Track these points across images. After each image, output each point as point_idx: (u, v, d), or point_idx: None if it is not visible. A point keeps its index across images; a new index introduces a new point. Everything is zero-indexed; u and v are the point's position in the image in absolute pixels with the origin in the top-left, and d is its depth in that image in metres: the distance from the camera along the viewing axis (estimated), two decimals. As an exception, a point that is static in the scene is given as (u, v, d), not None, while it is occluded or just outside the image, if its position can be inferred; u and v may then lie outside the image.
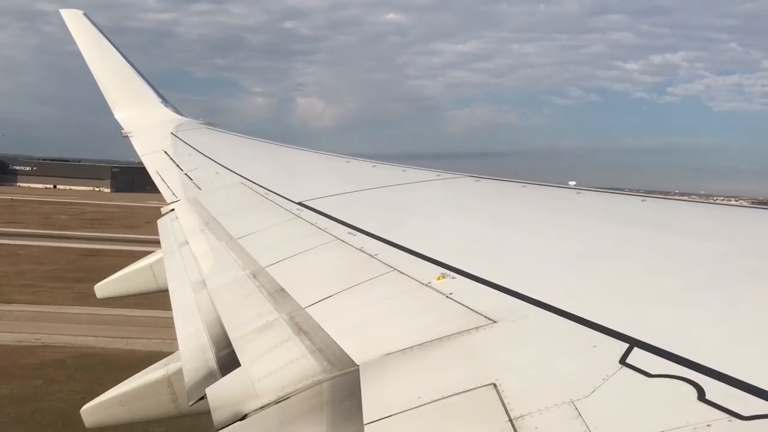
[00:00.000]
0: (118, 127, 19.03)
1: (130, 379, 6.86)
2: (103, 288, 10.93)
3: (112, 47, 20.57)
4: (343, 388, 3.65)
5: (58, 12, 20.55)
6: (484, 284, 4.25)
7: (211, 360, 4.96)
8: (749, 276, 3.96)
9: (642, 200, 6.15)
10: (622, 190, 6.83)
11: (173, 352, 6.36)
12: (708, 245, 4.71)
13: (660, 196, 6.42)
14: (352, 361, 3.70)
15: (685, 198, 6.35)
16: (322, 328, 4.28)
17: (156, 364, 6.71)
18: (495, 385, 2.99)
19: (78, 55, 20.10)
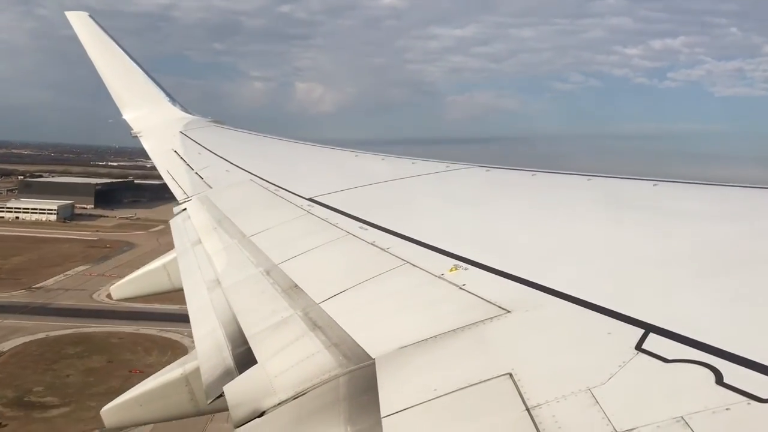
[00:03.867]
0: (115, 112, 19.21)
1: (148, 379, 6.90)
2: (119, 289, 10.99)
3: (118, 48, 20.63)
4: (359, 382, 3.66)
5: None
6: (496, 274, 4.25)
7: (227, 358, 4.98)
8: (763, 259, 3.94)
9: (654, 185, 6.12)
10: (624, 176, 6.78)
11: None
12: (721, 229, 4.68)
13: (669, 180, 6.37)
14: (368, 355, 3.71)
15: (696, 181, 6.29)
16: (337, 323, 4.29)
17: (173, 363, 6.74)
18: (511, 375, 2.99)
19: (74, 39, 20.28)
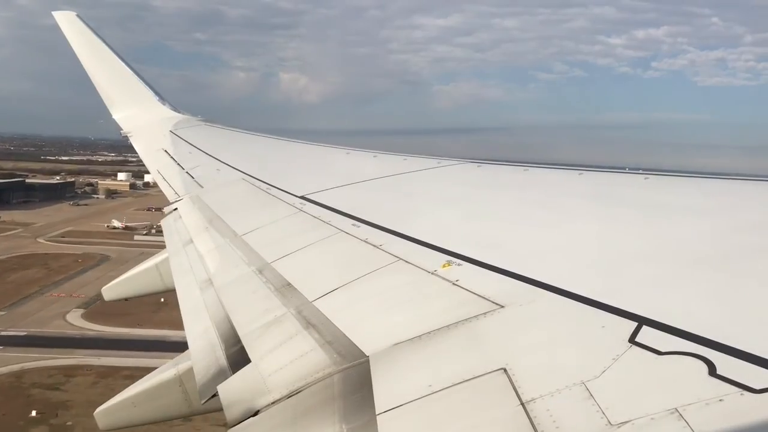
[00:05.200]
0: (96, 105, 19.18)
1: (141, 380, 6.88)
2: (111, 290, 10.93)
3: (106, 47, 20.53)
4: (353, 379, 3.66)
5: None
6: (489, 269, 4.25)
7: (221, 357, 4.96)
8: (755, 250, 3.96)
9: (645, 178, 6.13)
10: (608, 167, 6.82)
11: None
12: (713, 221, 4.70)
13: (659, 173, 6.40)
14: (362, 352, 3.71)
15: (686, 174, 6.31)
16: (331, 321, 4.28)
17: (167, 364, 6.73)
18: (505, 370, 2.99)
19: (54, 30, 20.24)
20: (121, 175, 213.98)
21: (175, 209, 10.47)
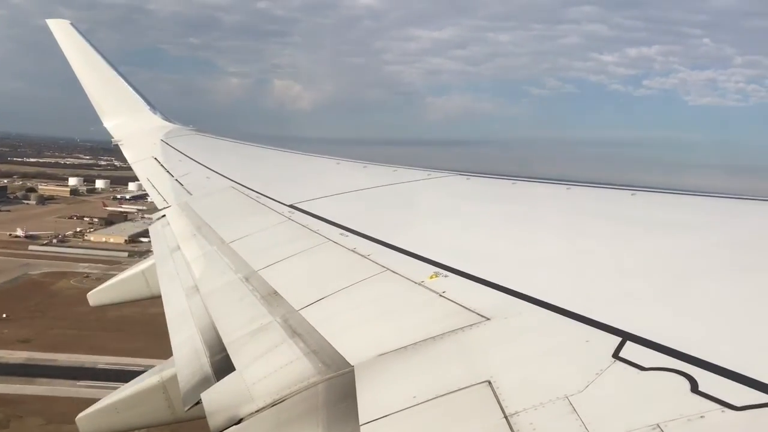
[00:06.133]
0: (85, 106, 19.20)
1: (124, 386, 6.83)
2: (96, 296, 10.86)
3: (99, 56, 20.56)
4: (338, 389, 3.65)
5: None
6: (476, 282, 4.26)
7: (205, 365, 4.94)
8: (739, 268, 3.99)
9: (632, 194, 6.18)
10: (598, 182, 6.87)
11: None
12: (697, 238, 4.73)
13: (648, 189, 6.45)
14: (347, 362, 3.70)
15: (673, 191, 6.36)
16: (317, 330, 4.27)
17: (150, 370, 6.69)
18: (490, 383, 3.00)
19: (47, 29, 20.26)
20: (72, 180, 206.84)
21: (164, 216, 10.44)
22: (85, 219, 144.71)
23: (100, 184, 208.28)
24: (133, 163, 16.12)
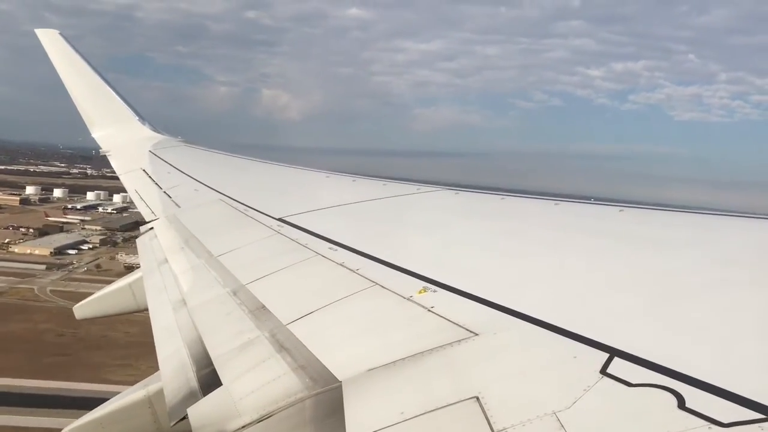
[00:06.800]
0: (70, 113, 19.17)
1: (110, 400, 6.76)
2: (82, 309, 10.77)
3: (88, 66, 20.52)
4: (325, 404, 3.63)
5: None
6: (465, 297, 4.26)
7: (192, 379, 4.91)
8: (726, 285, 4.01)
9: (620, 210, 6.21)
10: (585, 196, 6.94)
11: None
12: (685, 255, 4.76)
13: (635, 205, 6.48)
14: (335, 377, 3.68)
15: (661, 207, 6.40)
16: (304, 345, 4.25)
17: (136, 384, 6.63)
18: (478, 398, 3.00)
19: (32, 35, 20.28)
20: (29, 189, 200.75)
21: (151, 228, 10.39)
22: (21, 229, 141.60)
23: (57, 193, 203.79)
24: (120, 174, 16.04)
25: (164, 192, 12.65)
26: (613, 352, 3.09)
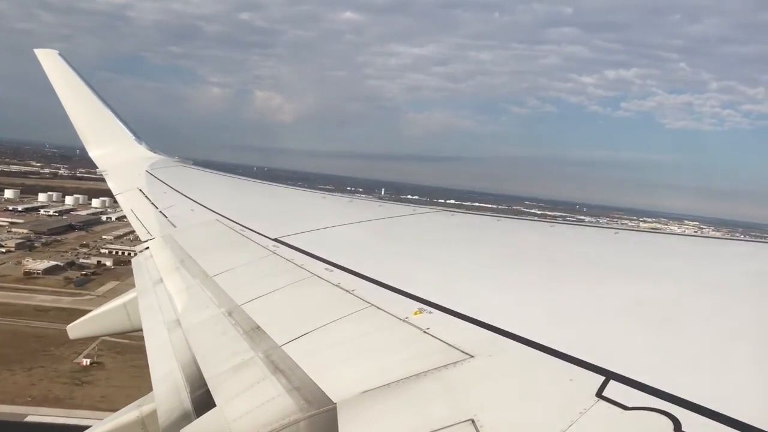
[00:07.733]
0: (59, 113, 19.23)
1: (103, 421, 6.70)
2: (76, 329, 10.70)
3: (86, 86, 20.67)
4: (320, 426, 3.61)
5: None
6: (461, 318, 4.25)
7: (185, 400, 4.87)
8: (722, 309, 4.02)
9: (615, 233, 6.23)
10: (576, 203, 6.98)
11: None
12: (681, 279, 4.77)
13: (631, 228, 6.50)
14: (330, 399, 3.66)
15: (655, 230, 6.44)
16: (299, 366, 4.23)
17: (129, 405, 6.57)
18: (473, 421, 2.98)
19: (26, 33, 20.51)
20: (8, 192, 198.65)
21: (147, 248, 10.36)
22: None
23: (8, 194, 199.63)
24: (117, 194, 16.06)
25: (160, 212, 12.65)
26: (609, 375, 3.09)
